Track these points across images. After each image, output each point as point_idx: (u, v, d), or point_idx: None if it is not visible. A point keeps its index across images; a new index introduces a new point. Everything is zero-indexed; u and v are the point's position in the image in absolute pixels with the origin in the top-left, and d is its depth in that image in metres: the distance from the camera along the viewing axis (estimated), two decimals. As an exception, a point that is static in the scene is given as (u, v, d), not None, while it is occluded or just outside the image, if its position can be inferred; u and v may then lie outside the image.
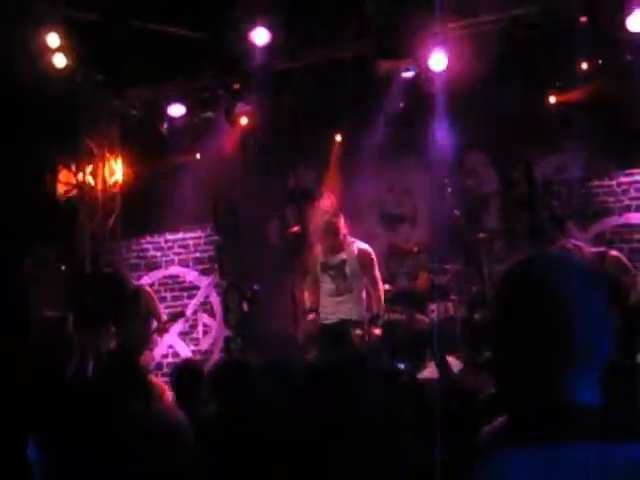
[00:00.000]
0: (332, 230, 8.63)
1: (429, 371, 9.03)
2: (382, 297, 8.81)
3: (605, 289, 1.86)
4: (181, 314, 10.68)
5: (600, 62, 10.57)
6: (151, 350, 10.19)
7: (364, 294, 8.74)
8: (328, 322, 8.57)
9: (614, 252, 8.75)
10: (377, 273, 8.82)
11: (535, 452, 1.69)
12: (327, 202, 8.86)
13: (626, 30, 9.84)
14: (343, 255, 8.64)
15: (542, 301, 1.79)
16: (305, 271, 9.04)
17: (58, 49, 10.68)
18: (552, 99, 11.17)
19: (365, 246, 8.85)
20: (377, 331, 8.79)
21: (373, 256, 8.82)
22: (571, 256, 1.94)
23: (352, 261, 8.63)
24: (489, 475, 1.71)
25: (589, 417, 1.73)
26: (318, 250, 8.76)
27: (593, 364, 1.79)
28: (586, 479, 1.63)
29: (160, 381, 10.27)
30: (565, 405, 1.75)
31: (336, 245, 8.66)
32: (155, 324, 9.86)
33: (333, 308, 8.56)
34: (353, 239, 8.85)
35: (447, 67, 10.58)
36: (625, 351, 7.84)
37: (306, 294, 9.00)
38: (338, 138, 12.21)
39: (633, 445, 1.68)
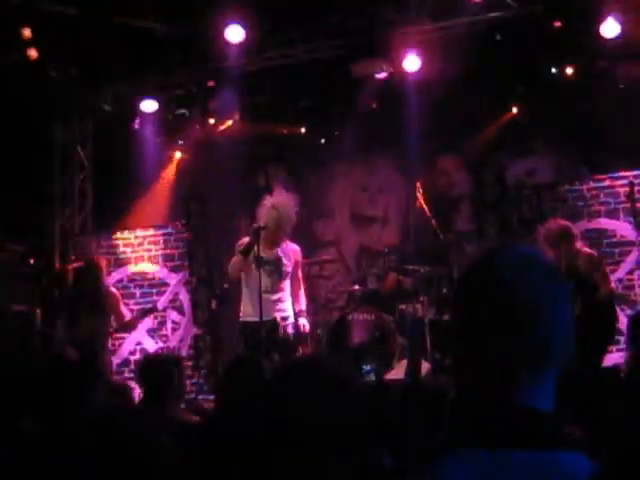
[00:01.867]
0: (284, 225, 8.41)
1: (396, 372, 9.04)
2: (304, 296, 8.76)
3: (566, 289, 1.84)
4: (152, 310, 10.58)
5: (573, 67, 10.63)
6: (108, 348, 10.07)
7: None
8: (266, 322, 8.32)
9: (587, 249, 8.80)
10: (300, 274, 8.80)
11: (484, 456, 1.68)
12: (283, 196, 8.58)
13: (599, 36, 9.90)
14: (279, 251, 8.44)
15: (498, 297, 1.76)
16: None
17: (31, 42, 10.62)
18: (524, 103, 11.22)
19: (296, 246, 8.72)
20: (306, 323, 8.71)
21: (301, 256, 8.75)
22: (534, 251, 1.90)
23: (287, 258, 8.46)
24: (435, 478, 1.70)
25: (541, 424, 1.71)
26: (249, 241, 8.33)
27: (550, 367, 1.77)
28: None
29: (123, 379, 10.31)
30: (518, 410, 1.72)
31: (276, 240, 8.43)
32: (114, 325, 9.79)
33: (270, 306, 8.25)
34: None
35: (421, 69, 10.60)
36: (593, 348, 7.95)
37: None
38: (315, 136, 12.23)
39: (578, 454, 1.67)
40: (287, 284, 8.50)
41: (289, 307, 8.45)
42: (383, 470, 2.50)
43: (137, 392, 6.57)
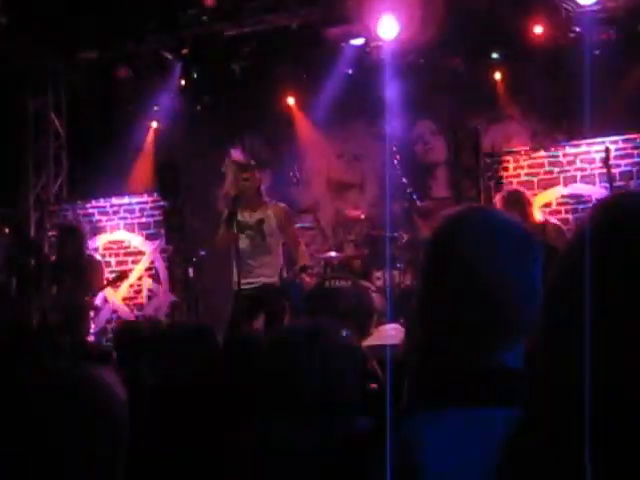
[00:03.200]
0: (252, 186, 8.35)
1: (373, 338, 9.05)
2: (305, 250, 8.70)
3: (536, 250, 1.83)
4: (124, 275, 10.59)
5: (549, 32, 10.62)
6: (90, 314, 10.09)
7: (281, 257, 8.56)
8: (251, 287, 8.26)
9: (554, 221, 8.85)
10: (295, 230, 8.70)
11: (455, 414, 1.67)
12: (238, 153, 8.51)
13: (574, 2, 9.90)
14: (260, 214, 8.36)
15: (467, 263, 1.75)
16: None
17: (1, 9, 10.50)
18: (500, 68, 11.21)
19: (282, 204, 8.63)
20: (309, 279, 8.72)
21: (290, 213, 8.67)
22: (501, 215, 1.88)
23: (270, 220, 8.35)
24: (405, 437, 1.69)
25: (513, 380, 1.71)
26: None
27: (519, 333, 1.77)
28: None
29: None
30: (489, 368, 1.73)
31: (254, 203, 8.38)
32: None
33: (253, 271, 8.25)
34: (267, 198, 8.59)
35: (396, 34, 10.55)
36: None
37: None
38: (290, 102, 12.18)
39: None
40: (274, 246, 8.42)
41: (275, 272, 8.38)
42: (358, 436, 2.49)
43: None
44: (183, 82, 11.85)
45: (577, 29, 10.40)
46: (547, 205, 10.43)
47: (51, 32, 11.04)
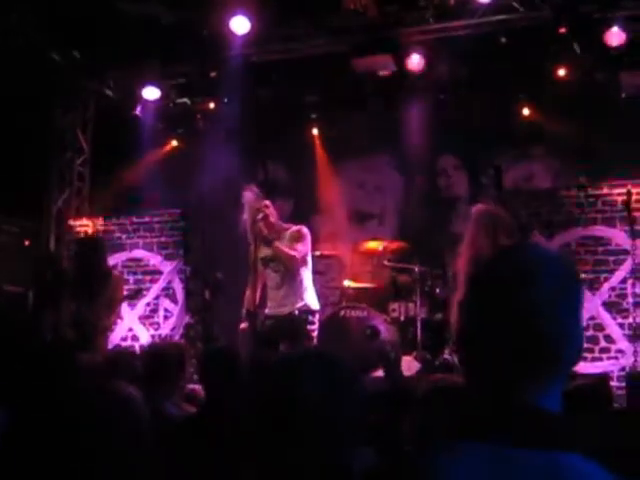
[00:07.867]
0: (266, 224, 8.39)
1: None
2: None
3: (578, 293, 1.83)
4: (138, 292, 10.60)
5: (576, 74, 10.64)
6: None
7: (308, 280, 8.49)
8: (277, 315, 8.36)
9: None
10: (303, 248, 8.40)
11: (484, 451, 1.67)
12: (251, 195, 8.53)
13: (604, 44, 9.90)
14: (277, 245, 8.32)
15: (510, 301, 1.75)
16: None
17: (35, 26, 10.60)
18: (525, 107, 11.25)
19: (298, 227, 8.52)
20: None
21: (304, 232, 8.44)
22: (548, 251, 1.87)
23: (287, 249, 8.30)
24: (429, 469, 1.69)
25: (544, 423, 1.71)
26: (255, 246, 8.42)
27: (560, 369, 1.77)
28: None
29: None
30: (522, 408, 1.72)
31: (270, 236, 8.36)
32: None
33: (279, 301, 8.32)
34: (288, 224, 8.59)
35: (424, 68, 10.60)
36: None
37: (247, 292, 8.56)
38: (315, 132, 12.25)
39: (575, 455, 1.68)
40: (300, 274, 8.38)
41: (296, 298, 8.34)
42: (352, 470, 2.44)
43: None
44: (209, 105, 11.92)
45: (605, 71, 10.40)
46: (566, 245, 10.40)
47: (81, 49, 11.15)
